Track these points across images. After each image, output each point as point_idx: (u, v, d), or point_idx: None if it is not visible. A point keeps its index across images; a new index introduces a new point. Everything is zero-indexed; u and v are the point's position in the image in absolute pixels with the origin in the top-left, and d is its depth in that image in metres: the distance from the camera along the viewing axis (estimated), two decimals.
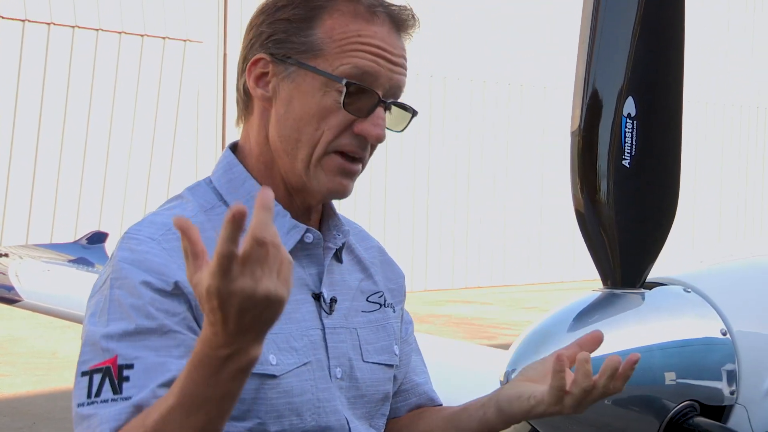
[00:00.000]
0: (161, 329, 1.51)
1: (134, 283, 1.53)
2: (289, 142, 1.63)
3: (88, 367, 1.50)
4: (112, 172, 14.40)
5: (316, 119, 1.61)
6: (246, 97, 1.68)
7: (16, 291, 4.48)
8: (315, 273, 1.68)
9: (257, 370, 1.55)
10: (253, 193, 1.63)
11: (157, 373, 1.49)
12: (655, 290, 1.96)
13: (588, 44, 1.89)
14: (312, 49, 1.61)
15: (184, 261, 1.47)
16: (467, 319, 13.40)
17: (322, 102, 1.60)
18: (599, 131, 1.88)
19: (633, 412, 1.84)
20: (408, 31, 1.69)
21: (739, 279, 2.10)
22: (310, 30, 1.61)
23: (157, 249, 1.56)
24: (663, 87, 1.92)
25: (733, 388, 1.90)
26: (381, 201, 16.92)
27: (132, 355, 1.49)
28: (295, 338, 1.62)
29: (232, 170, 1.68)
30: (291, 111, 1.62)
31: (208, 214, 1.63)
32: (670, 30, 1.92)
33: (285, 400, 1.58)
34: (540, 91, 18.68)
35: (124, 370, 1.48)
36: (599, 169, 1.89)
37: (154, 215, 1.62)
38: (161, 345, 1.51)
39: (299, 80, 1.61)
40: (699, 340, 1.90)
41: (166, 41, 14.75)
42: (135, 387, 1.47)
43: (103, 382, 1.49)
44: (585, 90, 1.89)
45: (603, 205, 1.89)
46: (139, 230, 1.59)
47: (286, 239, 1.63)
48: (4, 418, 7.63)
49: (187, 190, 1.68)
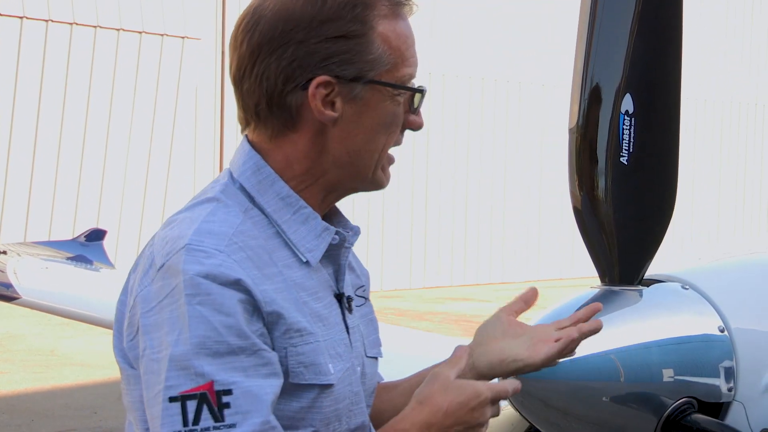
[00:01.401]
0: (251, 348, 1.47)
1: (218, 299, 1.47)
2: (359, 155, 1.62)
3: (178, 393, 1.44)
4: (111, 169, 14.39)
5: (387, 126, 1.61)
6: (291, 113, 1.60)
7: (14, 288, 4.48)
8: (332, 272, 1.67)
9: (319, 381, 1.55)
10: (282, 195, 1.61)
11: (257, 399, 1.45)
12: (653, 287, 1.96)
13: (586, 42, 1.89)
14: (381, 65, 1.60)
15: (254, 274, 1.50)
16: (466, 316, 13.41)
17: (392, 110, 1.61)
18: (597, 128, 1.88)
19: (631, 409, 1.85)
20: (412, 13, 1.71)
21: (736, 276, 2.10)
22: (370, 45, 1.59)
23: (229, 261, 1.49)
24: (661, 84, 1.92)
25: (730, 385, 1.90)
26: (380, 198, 16.92)
27: (228, 380, 1.44)
28: (338, 343, 1.61)
29: (261, 171, 1.62)
30: (361, 126, 1.60)
31: (250, 218, 1.59)
32: (668, 27, 1.92)
33: (334, 407, 1.58)
34: (539, 89, 18.68)
35: (223, 397, 1.44)
36: (597, 166, 1.89)
37: (206, 224, 1.54)
38: (250, 365, 1.47)
39: (368, 96, 1.60)
40: (697, 337, 1.90)
41: (164, 38, 14.74)
42: (238, 414, 1.44)
43: (200, 408, 1.44)
44: (583, 87, 1.89)
45: (601, 203, 1.89)
46: (202, 241, 1.51)
47: (318, 242, 1.62)
48: (2, 416, 7.62)
49: (220, 192, 1.61)
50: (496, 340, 1.72)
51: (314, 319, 1.57)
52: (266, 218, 1.60)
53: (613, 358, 1.82)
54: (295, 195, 1.61)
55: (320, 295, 1.61)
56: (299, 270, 1.59)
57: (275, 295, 1.52)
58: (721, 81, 21.19)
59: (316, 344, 1.55)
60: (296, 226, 1.61)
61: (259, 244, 1.55)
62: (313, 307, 1.58)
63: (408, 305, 14.83)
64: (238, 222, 1.55)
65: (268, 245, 1.57)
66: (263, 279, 1.52)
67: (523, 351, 1.69)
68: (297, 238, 1.60)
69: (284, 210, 1.61)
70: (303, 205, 1.61)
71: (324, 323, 1.59)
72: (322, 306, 1.60)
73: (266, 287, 1.51)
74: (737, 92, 21.59)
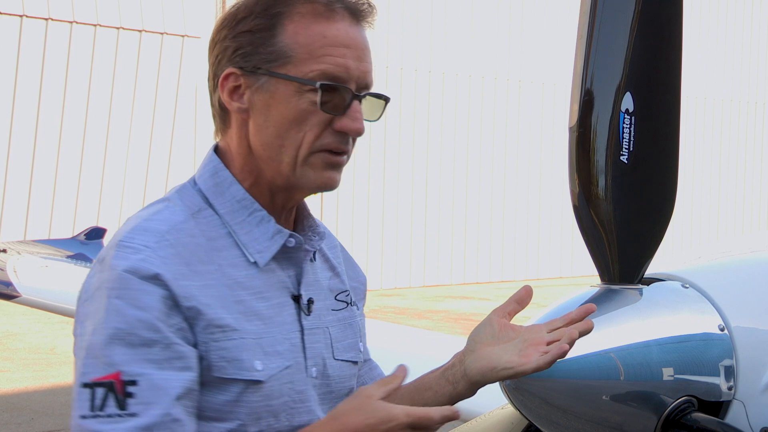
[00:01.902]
0: (164, 341, 1.54)
1: (135, 293, 1.55)
2: (272, 149, 1.66)
3: (90, 379, 1.53)
4: (111, 167, 14.39)
5: (297, 123, 1.64)
6: (222, 111, 1.71)
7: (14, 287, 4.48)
8: (293, 275, 1.72)
9: (243, 377, 1.60)
10: (237, 197, 1.68)
11: (162, 391, 1.52)
12: (653, 286, 1.96)
13: (586, 40, 1.88)
14: (280, 57, 1.64)
15: (178, 270, 1.57)
16: (465, 314, 13.41)
17: (299, 105, 1.63)
18: (597, 127, 1.88)
19: (631, 407, 1.84)
20: (367, 20, 1.71)
21: (737, 275, 2.10)
22: (274, 38, 1.64)
23: (153, 257, 1.57)
24: (661, 82, 1.92)
25: (730, 384, 1.90)
26: (379, 197, 16.92)
27: (136, 371, 1.52)
28: (279, 342, 1.65)
29: (218, 174, 1.70)
30: (270, 119, 1.65)
31: (195, 218, 1.66)
32: (668, 25, 1.92)
33: (265, 403, 1.62)
34: (539, 87, 18.67)
35: (128, 387, 1.51)
36: (597, 164, 1.89)
37: (145, 221, 1.63)
38: (164, 358, 1.54)
39: (273, 89, 1.64)
40: (697, 335, 1.90)
41: (164, 37, 14.74)
42: (141, 404, 1.50)
43: (107, 397, 1.51)
44: (583, 86, 1.89)
45: (601, 201, 1.89)
46: (133, 237, 1.60)
47: (270, 244, 1.67)
48: (3, 414, 7.63)
49: (175, 193, 1.70)
50: (487, 345, 1.73)
51: (248, 316, 1.62)
52: (220, 219, 1.67)
53: (613, 356, 1.82)
54: (250, 198, 1.68)
55: (267, 295, 1.65)
56: (245, 270, 1.65)
57: (197, 292, 1.58)
58: (721, 79, 21.19)
59: (240, 341, 1.60)
60: (250, 227, 1.67)
61: (199, 242, 1.62)
62: (252, 306, 1.63)
63: (408, 303, 14.84)
64: (178, 221, 1.63)
65: (215, 244, 1.64)
66: (190, 275, 1.58)
67: (515, 357, 1.68)
68: (248, 240, 1.66)
69: (240, 212, 1.68)
70: (257, 207, 1.68)
71: (264, 321, 1.63)
72: (266, 306, 1.65)
73: (189, 283, 1.57)
74: (737, 90, 21.59)
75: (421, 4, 16.93)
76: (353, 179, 16.53)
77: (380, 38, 16.42)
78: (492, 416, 2.42)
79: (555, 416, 1.87)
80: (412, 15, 16.88)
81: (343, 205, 16.34)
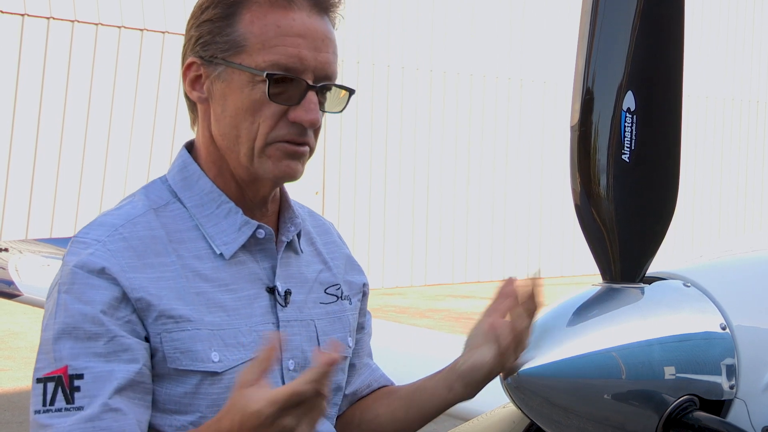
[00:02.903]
0: (108, 335, 1.55)
1: (81, 288, 1.57)
2: (229, 139, 1.67)
3: (42, 375, 1.55)
4: (112, 166, 14.39)
5: (250, 113, 1.64)
6: (190, 102, 1.73)
7: (15, 286, 4.49)
8: (269, 267, 1.72)
9: (198, 368, 1.60)
10: (206, 190, 1.69)
11: (105, 383, 1.53)
12: (654, 285, 1.95)
13: (587, 39, 1.88)
14: (235, 46, 1.64)
15: (128, 263, 1.58)
16: (466, 313, 13.41)
17: (252, 96, 1.63)
18: (599, 126, 1.88)
19: (632, 406, 1.84)
20: (331, 11, 1.70)
21: (738, 274, 2.09)
22: (230, 27, 1.65)
23: (101, 251, 1.59)
24: (662, 81, 1.92)
25: (732, 383, 1.90)
26: (380, 195, 16.91)
27: (81, 365, 1.54)
28: (244, 334, 1.65)
29: (187, 168, 1.72)
30: (226, 109, 1.66)
31: (159, 212, 1.67)
32: (670, 24, 1.92)
33: (227, 394, 1.59)
34: (540, 86, 18.66)
35: (75, 380, 1.53)
36: (599, 163, 1.88)
37: (104, 216, 1.66)
38: (109, 351, 1.55)
39: (229, 78, 1.65)
40: (698, 334, 1.90)
41: (165, 35, 14.74)
42: (86, 397, 1.52)
43: (56, 391, 1.53)
44: (584, 84, 1.89)
45: (602, 200, 1.89)
46: (87, 233, 1.63)
47: (237, 235, 1.68)
48: (4, 413, 7.63)
49: (143, 189, 1.72)
50: (476, 346, 1.74)
51: (210, 308, 1.62)
52: (188, 212, 1.68)
53: (614, 355, 1.82)
54: (217, 190, 1.69)
55: (234, 287, 1.66)
56: (211, 262, 1.65)
57: (148, 284, 1.59)
58: (723, 78, 21.18)
59: (194, 332, 1.60)
60: (218, 220, 1.68)
61: (156, 235, 1.63)
62: (214, 298, 1.63)
63: (409, 302, 14.84)
64: (136, 214, 1.65)
65: (179, 236, 1.65)
66: (141, 267, 1.59)
67: (488, 355, 1.70)
68: (215, 232, 1.67)
69: (208, 205, 1.69)
70: (225, 200, 1.69)
71: (227, 313, 1.64)
72: (232, 298, 1.65)
73: (139, 275, 1.59)
74: (739, 89, 21.57)
75: (422, 4, 16.93)
76: (355, 178, 16.53)
77: (381, 37, 16.42)
78: (493, 415, 2.42)
79: (556, 415, 1.87)
80: (413, 14, 16.87)
81: (345, 204, 16.34)
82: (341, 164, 16.30)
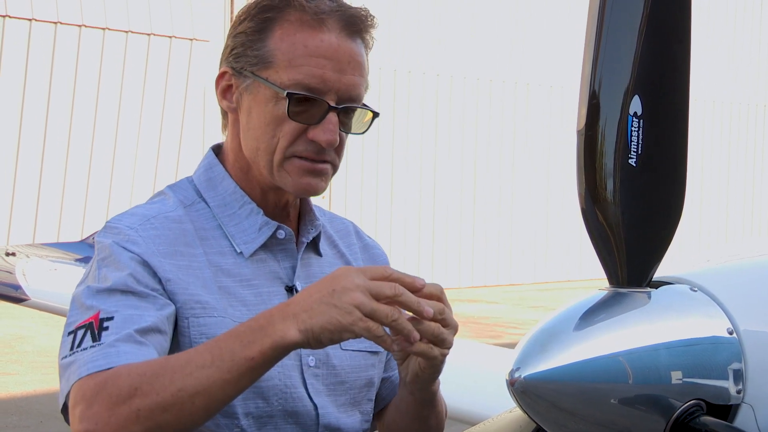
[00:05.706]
0: (142, 293, 1.61)
1: (118, 259, 1.63)
2: (251, 150, 1.72)
3: (74, 327, 1.60)
4: (119, 170, 14.42)
5: (272, 128, 1.68)
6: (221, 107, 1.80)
7: (23, 290, 4.49)
8: (289, 267, 1.77)
9: None
10: (229, 191, 1.76)
11: (134, 322, 1.57)
12: (661, 289, 1.95)
13: (594, 43, 1.88)
14: (263, 61, 1.69)
15: (158, 248, 1.65)
16: (473, 317, 13.40)
17: (274, 111, 1.68)
18: (605, 130, 1.88)
19: (639, 411, 1.84)
20: (363, 33, 1.72)
21: (745, 278, 2.09)
22: (261, 42, 1.69)
23: (135, 236, 1.65)
24: (669, 86, 1.92)
25: (739, 387, 1.89)
26: (387, 200, 16.92)
27: (113, 309, 1.58)
28: None
29: (212, 170, 1.79)
30: (251, 121, 1.71)
31: (188, 210, 1.74)
32: (677, 28, 1.92)
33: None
34: (547, 91, 18.66)
35: (105, 322, 1.57)
36: (605, 167, 1.88)
37: (136, 207, 1.73)
38: (141, 304, 1.60)
39: (255, 91, 1.70)
40: (705, 339, 1.90)
41: (172, 40, 14.77)
42: (113, 334, 1.56)
43: (85, 335, 1.57)
44: (591, 89, 1.89)
45: (609, 204, 1.89)
46: (120, 219, 1.69)
47: (257, 235, 1.73)
48: (11, 417, 7.64)
49: (169, 188, 1.79)
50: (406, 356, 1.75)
51: (231, 302, 1.68)
52: (211, 212, 1.75)
53: (621, 359, 1.81)
54: (240, 191, 1.76)
55: (255, 283, 1.71)
56: (232, 258, 1.71)
57: (178, 270, 1.65)
58: (730, 82, 21.15)
59: (220, 319, 1.65)
60: (239, 219, 1.74)
61: (186, 228, 1.70)
62: (236, 292, 1.69)
63: None
64: (167, 210, 1.72)
65: (204, 234, 1.71)
66: (171, 254, 1.66)
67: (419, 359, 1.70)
68: (236, 231, 1.73)
69: (230, 205, 1.75)
70: (248, 200, 1.75)
71: (248, 308, 1.68)
72: (252, 293, 1.70)
73: (170, 261, 1.65)
74: (746, 94, 21.54)
75: (427, 8, 16.94)
76: (361, 182, 16.54)
77: (388, 42, 16.43)
78: (500, 419, 2.42)
79: (563, 419, 1.87)
80: (420, 19, 16.89)
81: (351, 209, 16.35)
82: (348, 168, 16.31)
